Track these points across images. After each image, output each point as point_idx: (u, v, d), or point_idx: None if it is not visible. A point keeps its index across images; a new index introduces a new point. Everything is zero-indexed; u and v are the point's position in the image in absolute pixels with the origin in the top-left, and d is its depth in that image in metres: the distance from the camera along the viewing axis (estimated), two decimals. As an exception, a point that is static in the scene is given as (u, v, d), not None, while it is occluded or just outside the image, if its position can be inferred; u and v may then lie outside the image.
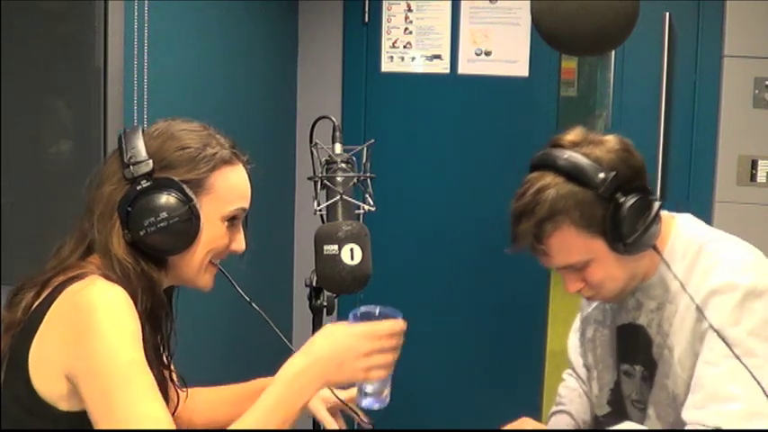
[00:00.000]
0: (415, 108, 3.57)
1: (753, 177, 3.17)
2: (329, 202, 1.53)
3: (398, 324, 1.45)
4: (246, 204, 1.52)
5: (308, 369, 1.39)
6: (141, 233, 1.41)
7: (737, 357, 1.50)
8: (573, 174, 1.58)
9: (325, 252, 1.47)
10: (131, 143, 1.45)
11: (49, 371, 1.35)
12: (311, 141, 1.61)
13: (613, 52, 3.28)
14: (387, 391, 1.47)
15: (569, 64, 3.44)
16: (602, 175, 1.57)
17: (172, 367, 1.59)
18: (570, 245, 1.60)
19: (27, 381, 1.36)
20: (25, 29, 2.15)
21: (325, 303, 1.58)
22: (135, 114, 2.32)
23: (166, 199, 1.41)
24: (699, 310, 1.57)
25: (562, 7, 2.23)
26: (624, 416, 1.80)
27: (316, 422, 1.70)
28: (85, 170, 2.17)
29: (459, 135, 3.54)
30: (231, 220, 1.50)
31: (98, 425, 1.31)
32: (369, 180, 1.59)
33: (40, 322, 1.36)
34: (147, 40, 2.34)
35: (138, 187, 1.42)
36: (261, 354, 2.79)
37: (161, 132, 1.48)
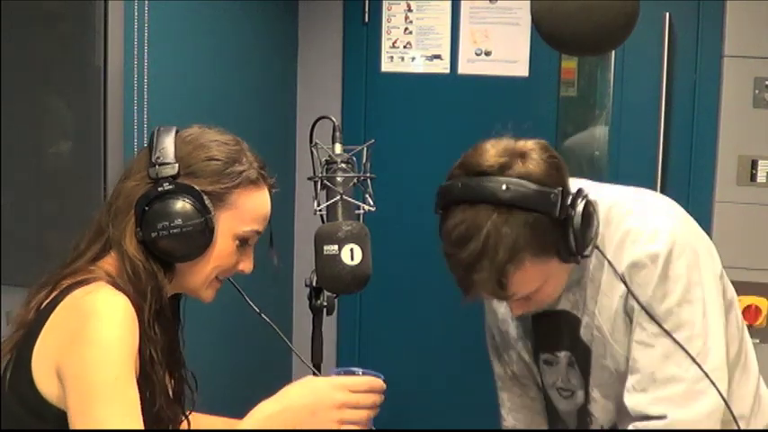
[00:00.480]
0: (415, 108, 3.57)
1: (753, 177, 3.17)
2: (329, 202, 1.53)
3: (377, 382, 1.45)
4: (262, 228, 1.51)
5: (279, 414, 1.39)
6: (153, 234, 1.40)
7: (669, 334, 1.48)
8: (521, 203, 1.43)
9: (325, 252, 1.47)
10: (162, 143, 1.44)
11: (47, 371, 1.35)
12: (311, 141, 1.62)
13: (613, 52, 3.27)
14: None
15: (569, 64, 3.43)
16: (552, 197, 1.44)
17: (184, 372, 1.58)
18: (533, 276, 1.49)
19: (30, 381, 1.36)
20: (25, 29, 2.15)
21: (325, 303, 1.58)
22: (135, 114, 2.32)
23: (183, 205, 1.41)
24: (625, 285, 1.52)
25: (562, 7, 2.23)
26: (550, 405, 1.77)
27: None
28: (85, 170, 2.18)
29: (459, 135, 3.54)
30: (244, 240, 1.49)
31: (73, 427, 1.31)
32: (369, 180, 1.59)
33: (45, 322, 1.37)
34: (147, 40, 2.34)
35: (160, 188, 1.41)
36: (261, 354, 2.80)
37: (193, 138, 1.48)
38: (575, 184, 1.57)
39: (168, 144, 1.44)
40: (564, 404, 1.73)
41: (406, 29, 3.54)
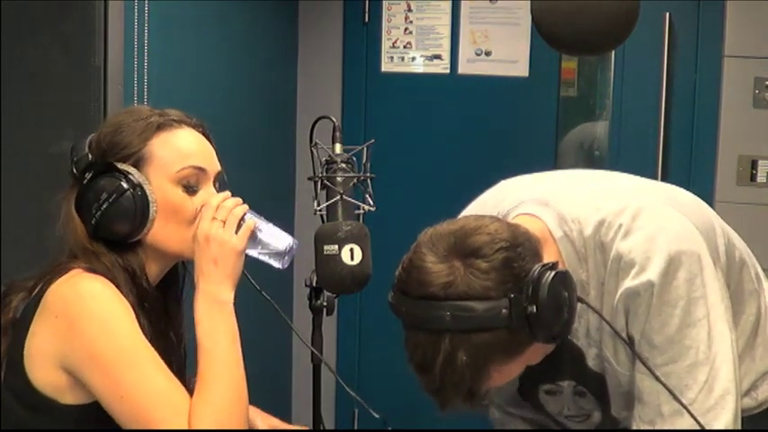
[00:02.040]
0: (415, 108, 3.57)
1: (753, 177, 3.17)
2: (329, 202, 1.53)
3: None
4: (197, 162, 1.46)
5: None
6: (94, 222, 1.41)
7: (653, 374, 1.41)
8: (470, 328, 1.31)
9: (325, 252, 1.47)
10: (76, 148, 1.46)
11: (45, 365, 1.35)
12: (311, 141, 1.61)
13: (613, 52, 3.28)
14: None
15: (569, 64, 3.43)
16: (503, 312, 1.30)
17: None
18: (507, 374, 1.42)
19: (25, 379, 1.36)
20: (25, 29, 2.15)
21: (325, 303, 1.58)
22: (135, 114, 2.32)
23: (105, 181, 1.41)
24: (613, 330, 1.43)
25: (562, 7, 2.24)
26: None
27: (315, 422, 1.70)
28: (85, 170, 2.19)
29: (459, 135, 3.54)
30: (185, 183, 1.45)
31: (112, 410, 1.33)
32: (369, 180, 1.59)
33: (32, 319, 1.37)
34: (147, 40, 2.34)
35: (84, 182, 1.43)
36: (261, 354, 2.79)
37: (100, 127, 1.49)
38: (551, 190, 1.51)
39: (82, 145, 1.46)
40: (579, 426, 1.67)
41: (406, 29, 3.54)
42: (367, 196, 1.57)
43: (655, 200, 1.54)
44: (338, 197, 1.53)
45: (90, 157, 1.44)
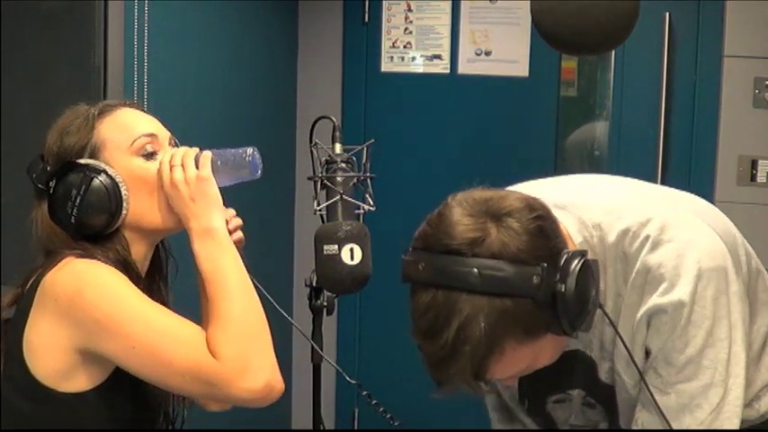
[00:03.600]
0: (415, 108, 3.57)
1: (753, 177, 3.17)
2: (329, 202, 1.53)
3: None
4: (146, 130, 1.48)
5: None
6: (73, 221, 1.41)
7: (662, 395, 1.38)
8: (498, 290, 1.20)
9: (325, 252, 1.47)
10: (33, 167, 1.49)
11: (51, 351, 1.36)
12: (311, 141, 1.61)
13: (613, 52, 3.28)
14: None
15: (569, 64, 3.43)
16: (535, 279, 1.21)
17: None
18: (518, 360, 1.29)
19: (25, 369, 1.37)
20: (25, 29, 2.15)
21: (325, 303, 1.58)
22: (135, 114, 2.32)
23: (70, 179, 1.42)
24: (627, 350, 1.37)
25: (562, 7, 2.23)
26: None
27: (315, 422, 1.70)
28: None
29: (459, 135, 3.54)
30: (143, 151, 1.46)
31: (129, 366, 1.35)
32: (369, 180, 1.59)
33: (29, 312, 1.38)
34: (147, 40, 2.34)
35: (50, 190, 1.43)
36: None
37: (47, 138, 1.49)
38: (570, 196, 1.43)
39: (36, 161, 1.49)
40: None
41: (406, 29, 3.54)
42: (367, 196, 1.57)
43: (680, 210, 1.48)
44: (338, 197, 1.53)
45: (48, 167, 1.46)
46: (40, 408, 1.38)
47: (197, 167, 1.44)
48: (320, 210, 1.55)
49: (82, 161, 1.43)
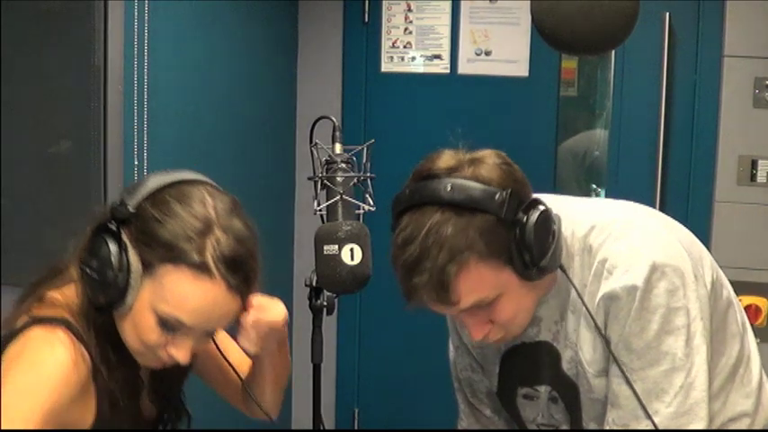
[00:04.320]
0: (415, 108, 3.57)
1: (753, 177, 3.17)
2: (329, 202, 1.53)
3: None
4: (190, 321, 1.34)
5: None
6: (81, 266, 1.35)
7: (623, 380, 1.45)
8: (464, 202, 1.37)
9: (325, 252, 1.47)
10: (142, 184, 1.36)
11: None
12: (311, 141, 1.61)
13: (613, 52, 3.28)
14: None
15: (569, 64, 3.43)
16: (498, 197, 1.37)
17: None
18: (479, 281, 1.40)
19: None
20: (25, 29, 2.15)
21: (325, 303, 1.57)
22: (135, 114, 2.32)
23: (105, 249, 1.31)
24: (595, 324, 1.46)
25: (562, 7, 2.23)
26: None
27: (315, 422, 1.70)
28: (85, 170, 2.18)
29: (459, 135, 3.54)
30: (165, 322, 1.34)
31: None
32: (369, 180, 1.59)
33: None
34: (147, 40, 2.34)
35: (108, 225, 1.34)
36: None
37: (166, 198, 1.35)
38: (552, 201, 1.50)
39: (143, 189, 1.35)
40: None
41: (406, 29, 3.54)
42: (367, 196, 1.57)
43: (649, 217, 1.59)
44: (338, 197, 1.53)
45: (129, 214, 1.34)
46: None
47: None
48: (320, 210, 1.55)
49: (136, 262, 1.32)
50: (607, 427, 1.49)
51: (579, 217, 1.54)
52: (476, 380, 1.78)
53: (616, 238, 1.49)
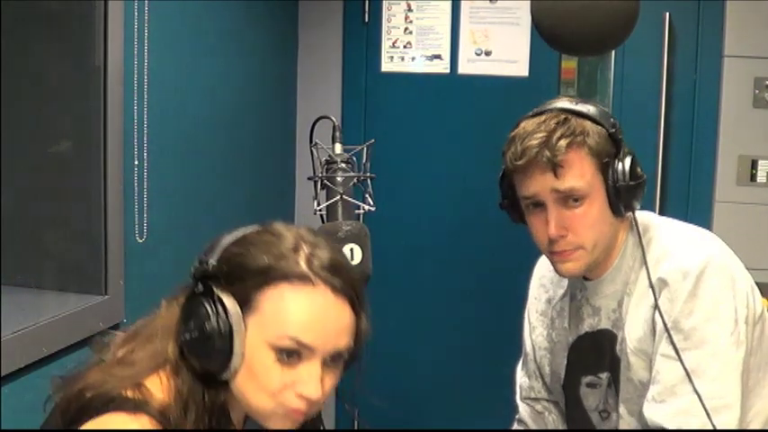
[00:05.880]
0: (415, 108, 3.57)
1: (753, 177, 3.17)
2: (329, 202, 1.53)
3: None
4: (305, 338, 1.20)
5: None
6: (181, 341, 1.23)
7: (677, 356, 1.52)
8: (586, 114, 1.59)
9: (325, 252, 1.47)
10: (217, 240, 1.26)
11: None
12: (311, 141, 1.61)
13: (613, 52, 3.27)
14: None
15: (569, 64, 3.42)
16: (612, 120, 1.61)
17: None
18: (581, 167, 1.58)
19: None
20: (25, 29, 2.15)
21: (325, 303, 1.57)
22: (135, 114, 2.32)
23: (200, 310, 1.20)
24: (655, 301, 1.57)
25: (562, 7, 2.24)
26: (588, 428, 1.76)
27: (316, 421, 1.70)
28: (85, 170, 2.18)
29: (459, 135, 3.54)
30: (284, 352, 1.20)
31: None
32: (369, 180, 1.59)
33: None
34: (147, 40, 2.34)
35: (195, 290, 1.23)
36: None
37: (243, 238, 1.26)
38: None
39: (218, 242, 1.25)
40: (603, 426, 1.73)
41: (406, 29, 3.54)
42: (367, 196, 1.57)
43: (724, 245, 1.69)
44: (338, 197, 1.53)
45: (211, 268, 1.23)
46: None
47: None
48: (320, 210, 1.55)
49: (232, 306, 1.20)
50: (646, 403, 1.56)
51: (652, 218, 1.71)
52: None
53: (681, 233, 1.66)
